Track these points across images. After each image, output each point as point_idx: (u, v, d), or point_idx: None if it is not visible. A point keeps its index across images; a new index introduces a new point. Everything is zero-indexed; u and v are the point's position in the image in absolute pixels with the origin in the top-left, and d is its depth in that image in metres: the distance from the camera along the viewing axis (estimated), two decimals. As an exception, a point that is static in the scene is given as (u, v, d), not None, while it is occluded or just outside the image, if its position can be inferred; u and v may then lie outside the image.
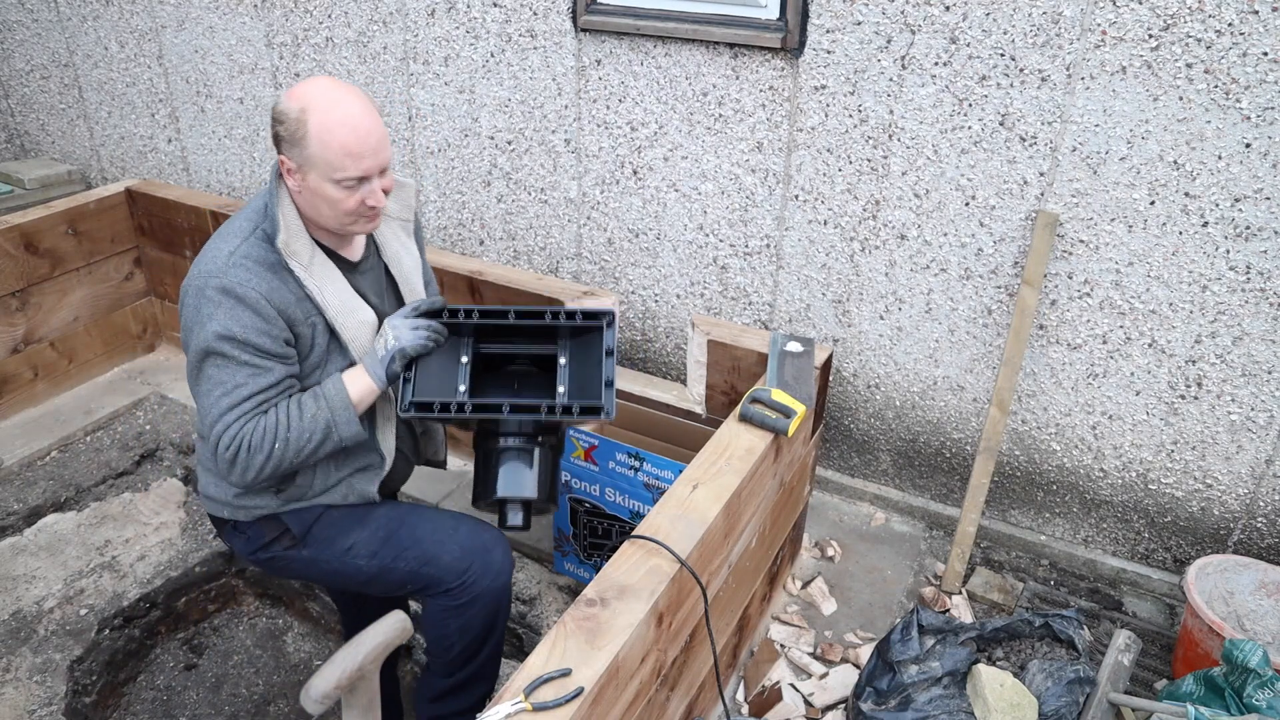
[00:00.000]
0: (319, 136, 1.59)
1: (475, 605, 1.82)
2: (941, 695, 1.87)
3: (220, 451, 1.64)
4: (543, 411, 1.73)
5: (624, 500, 2.38)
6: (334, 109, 1.59)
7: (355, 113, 1.60)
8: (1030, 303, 2.27)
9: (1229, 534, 2.35)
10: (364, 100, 1.64)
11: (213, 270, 1.63)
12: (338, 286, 1.74)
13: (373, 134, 1.62)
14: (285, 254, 1.66)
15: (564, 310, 1.78)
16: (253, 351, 1.62)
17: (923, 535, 2.73)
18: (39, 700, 2.27)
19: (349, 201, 1.65)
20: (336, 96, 1.60)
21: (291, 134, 1.61)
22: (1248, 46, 1.91)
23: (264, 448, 1.63)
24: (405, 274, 1.92)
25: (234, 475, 1.67)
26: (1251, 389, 2.19)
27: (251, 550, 1.87)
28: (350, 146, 1.60)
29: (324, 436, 1.68)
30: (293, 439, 1.65)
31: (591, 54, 2.69)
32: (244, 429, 1.63)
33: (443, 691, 1.93)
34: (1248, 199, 2.03)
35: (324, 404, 1.68)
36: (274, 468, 1.66)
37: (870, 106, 2.35)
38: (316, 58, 3.24)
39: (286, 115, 1.60)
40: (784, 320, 2.74)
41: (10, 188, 4.00)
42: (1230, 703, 1.76)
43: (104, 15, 3.69)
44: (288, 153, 1.63)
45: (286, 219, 1.68)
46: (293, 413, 1.67)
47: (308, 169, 1.62)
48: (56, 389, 3.41)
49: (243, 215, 1.73)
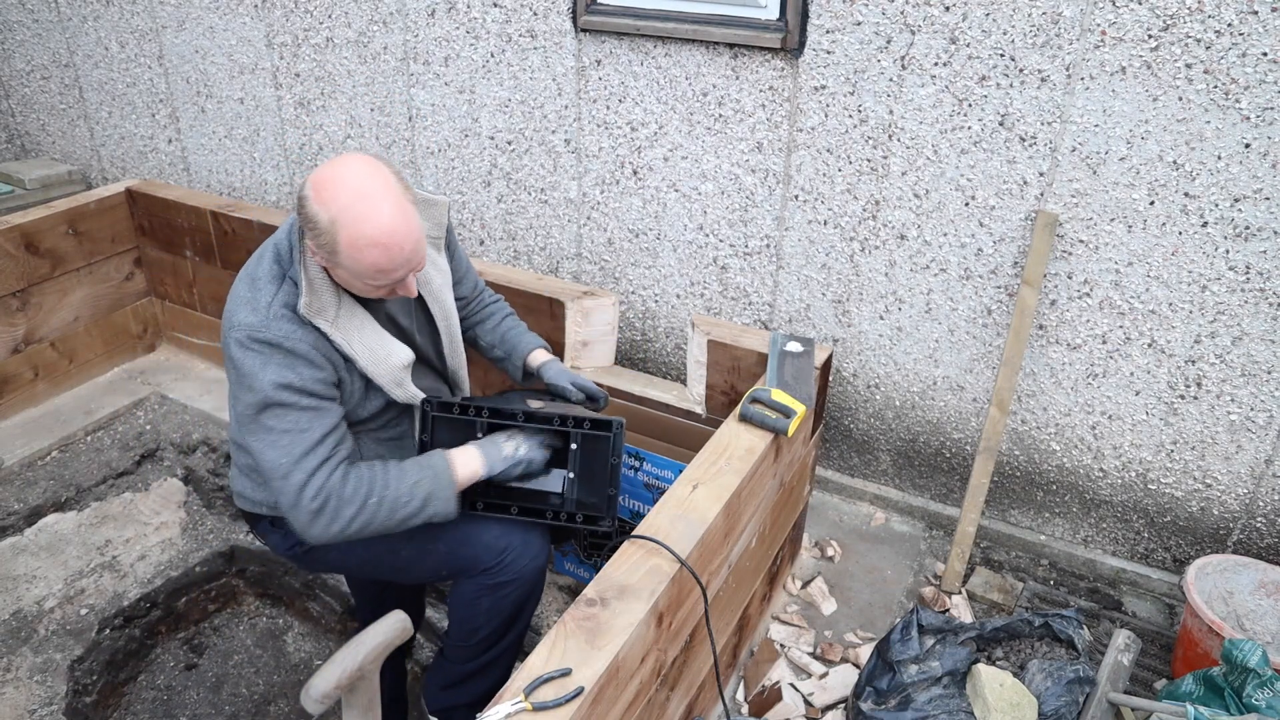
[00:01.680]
0: (350, 255, 1.54)
1: (510, 586, 1.83)
2: (941, 695, 1.87)
3: (305, 503, 1.59)
4: (548, 516, 1.85)
5: (624, 500, 2.38)
6: (365, 224, 1.51)
7: (386, 228, 1.52)
8: (1030, 303, 2.27)
9: (1228, 534, 2.35)
10: (396, 202, 1.54)
11: (254, 324, 1.60)
12: (365, 334, 1.72)
13: (404, 247, 1.56)
14: (309, 315, 1.62)
15: (572, 418, 1.83)
16: (312, 396, 1.62)
17: (923, 535, 2.73)
18: (39, 700, 2.27)
19: (382, 292, 1.65)
20: (366, 209, 1.51)
21: (321, 243, 1.55)
22: (1247, 47, 1.91)
23: (356, 499, 1.62)
24: (435, 292, 1.91)
25: (316, 527, 1.61)
26: (1251, 389, 2.19)
27: (288, 546, 1.88)
28: (381, 265, 1.56)
29: (421, 506, 1.68)
30: (389, 498, 1.64)
31: (591, 54, 2.69)
32: (331, 479, 1.60)
33: (459, 678, 1.92)
34: (1247, 199, 2.03)
35: (429, 475, 1.69)
36: (363, 524, 1.63)
37: (870, 107, 2.35)
38: (316, 58, 3.24)
39: (316, 223, 1.53)
40: (784, 320, 2.74)
41: (11, 188, 4.00)
42: (1230, 702, 1.76)
43: (104, 15, 3.69)
44: (317, 246, 1.57)
45: (310, 278, 1.63)
46: (392, 473, 1.67)
47: (338, 268, 1.60)
48: (57, 389, 3.41)
49: (268, 259, 1.69)
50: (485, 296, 2.17)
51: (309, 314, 1.63)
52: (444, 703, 1.96)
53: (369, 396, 1.77)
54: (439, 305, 1.93)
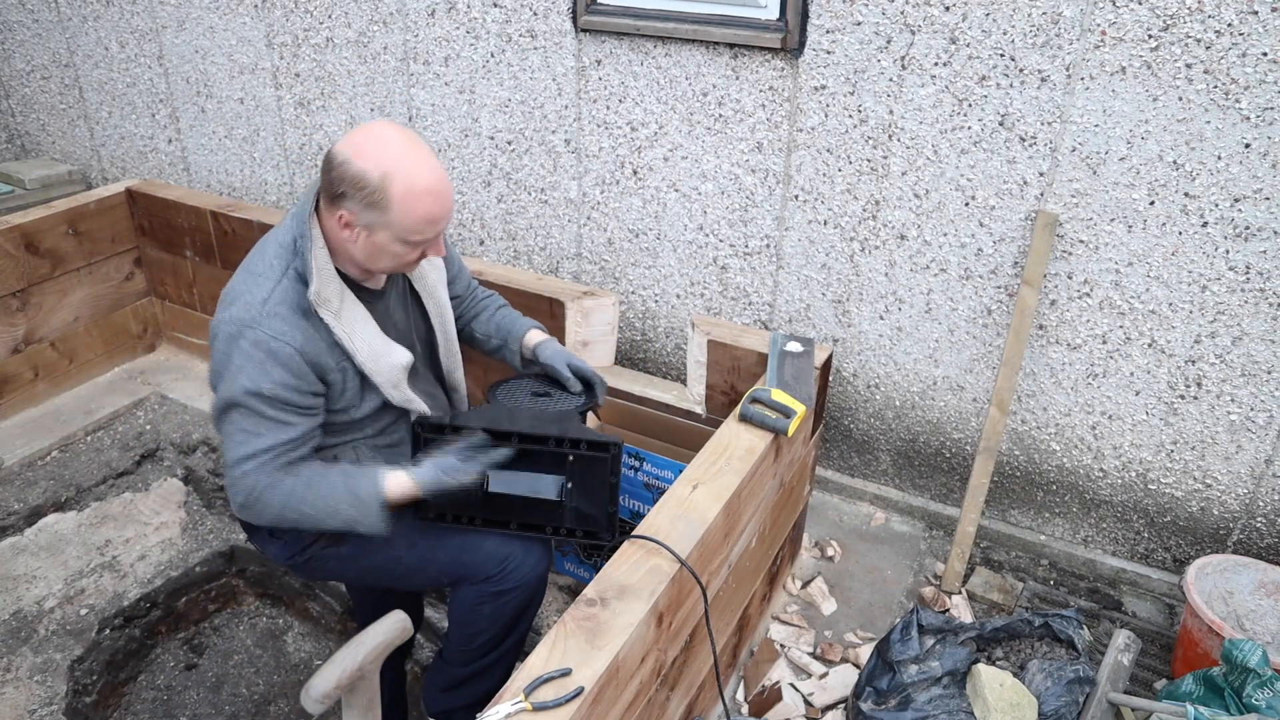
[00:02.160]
0: (402, 205, 1.56)
1: (512, 593, 1.83)
2: (941, 695, 1.87)
3: (237, 496, 1.64)
4: (547, 532, 1.83)
5: (624, 500, 2.38)
6: (420, 177, 1.57)
7: (437, 177, 1.59)
8: (1030, 303, 2.27)
9: (1228, 534, 2.35)
10: (434, 158, 1.62)
11: (247, 319, 1.60)
12: (366, 330, 1.73)
13: (449, 196, 1.63)
14: (316, 303, 1.63)
15: (568, 439, 1.79)
16: (279, 406, 1.62)
17: (923, 535, 2.73)
18: (39, 700, 2.27)
19: (412, 255, 1.66)
20: (416, 161, 1.57)
21: (370, 199, 1.56)
22: (1247, 47, 1.91)
23: (280, 505, 1.64)
24: (430, 288, 1.92)
25: (245, 515, 1.68)
26: (1251, 389, 2.19)
27: (289, 555, 1.86)
28: (434, 214, 1.60)
29: (344, 527, 1.68)
30: (310, 516, 1.66)
31: (591, 54, 2.69)
32: (259, 481, 1.63)
33: (458, 680, 1.92)
34: (1247, 199, 2.03)
35: (353, 501, 1.67)
36: (291, 523, 1.67)
37: (870, 107, 2.35)
38: (317, 58, 3.24)
39: (365, 180, 1.55)
40: (784, 320, 2.74)
41: (11, 188, 4.00)
42: (1230, 702, 1.76)
43: (104, 15, 3.69)
44: (357, 213, 1.59)
45: (319, 265, 1.64)
46: (318, 490, 1.66)
47: (378, 229, 1.60)
48: (57, 389, 3.41)
49: (271, 250, 1.69)
50: (479, 293, 2.18)
51: (317, 302, 1.63)
52: (443, 704, 1.96)
53: (365, 396, 1.76)
54: (434, 301, 1.93)
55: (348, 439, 1.81)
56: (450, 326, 1.98)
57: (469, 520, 1.83)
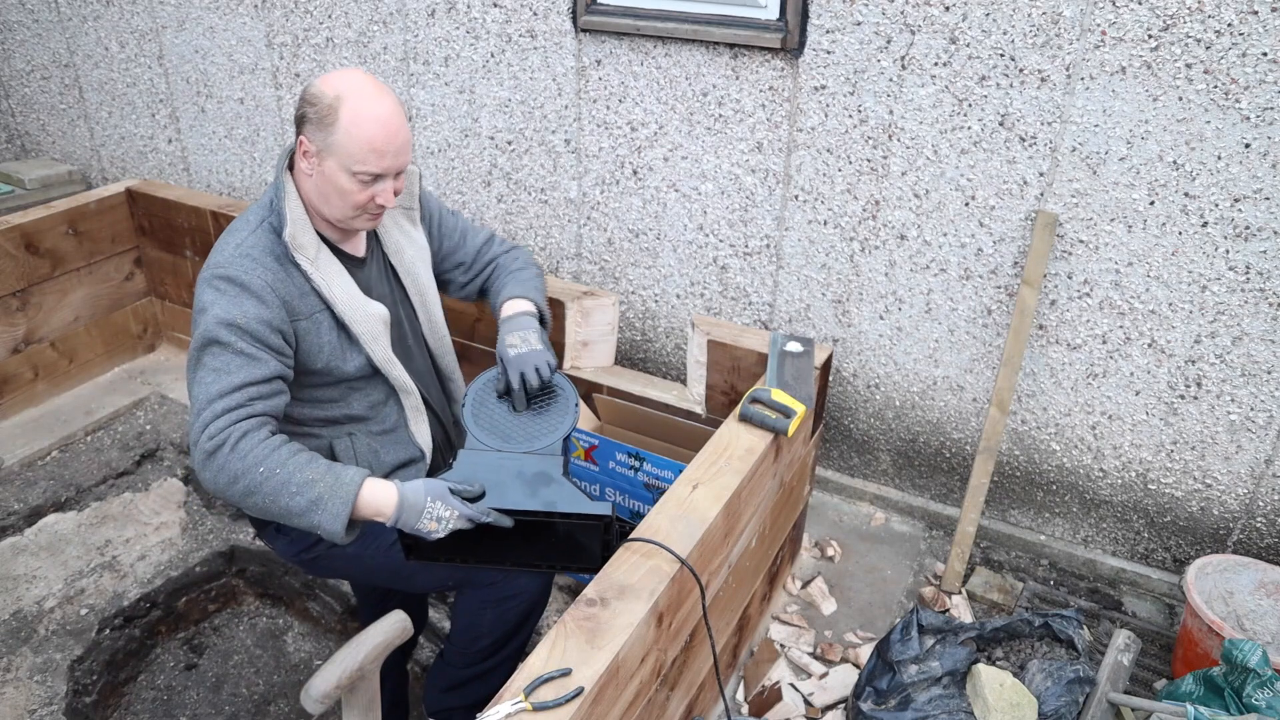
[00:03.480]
0: (348, 126, 1.60)
1: (515, 599, 1.82)
2: (941, 695, 1.87)
3: (202, 441, 1.51)
4: (543, 568, 1.72)
5: (624, 500, 2.38)
6: (369, 103, 1.61)
7: (388, 111, 1.62)
8: (1030, 303, 2.27)
9: (1228, 534, 2.35)
10: (397, 102, 1.66)
11: (219, 262, 1.64)
12: (344, 281, 1.74)
13: (399, 134, 1.64)
14: (292, 247, 1.66)
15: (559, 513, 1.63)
16: (250, 340, 1.59)
17: (923, 535, 2.73)
18: (39, 700, 2.27)
19: (360, 195, 1.65)
20: (372, 92, 1.62)
21: (321, 117, 1.61)
22: (1247, 47, 1.91)
23: (246, 460, 1.50)
24: (407, 265, 1.91)
25: (207, 470, 1.52)
26: (1251, 389, 2.19)
27: (295, 551, 1.85)
28: (377, 142, 1.61)
29: (306, 507, 1.52)
30: (277, 478, 1.51)
31: (591, 54, 2.69)
32: (233, 429, 1.51)
33: (459, 681, 1.92)
34: (1247, 199, 2.03)
35: (329, 481, 1.54)
36: (245, 489, 1.51)
37: (870, 107, 2.35)
38: (317, 58, 3.24)
39: (320, 98, 1.61)
40: (784, 320, 2.74)
41: (11, 188, 4.00)
42: (1230, 702, 1.76)
43: (104, 15, 3.69)
44: (311, 135, 1.63)
45: (293, 213, 1.68)
46: (298, 460, 1.54)
47: (327, 154, 1.62)
48: (57, 389, 3.41)
49: (251, 210, 1.75)
50: (494, 253, 2.06)
51: (293, 246, 1.65)
52: (444, 704, 1.95)
53: (349, 349, 1.74)
54: (412, 280, 1.91)
55: (341, 419, 1.80)
56: (433, 308, 1.96)
57: (461, 561, 1.70)
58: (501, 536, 1.64)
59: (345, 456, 1.80)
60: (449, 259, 2.05)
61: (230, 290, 1.61)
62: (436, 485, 1.58)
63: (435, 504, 1.56)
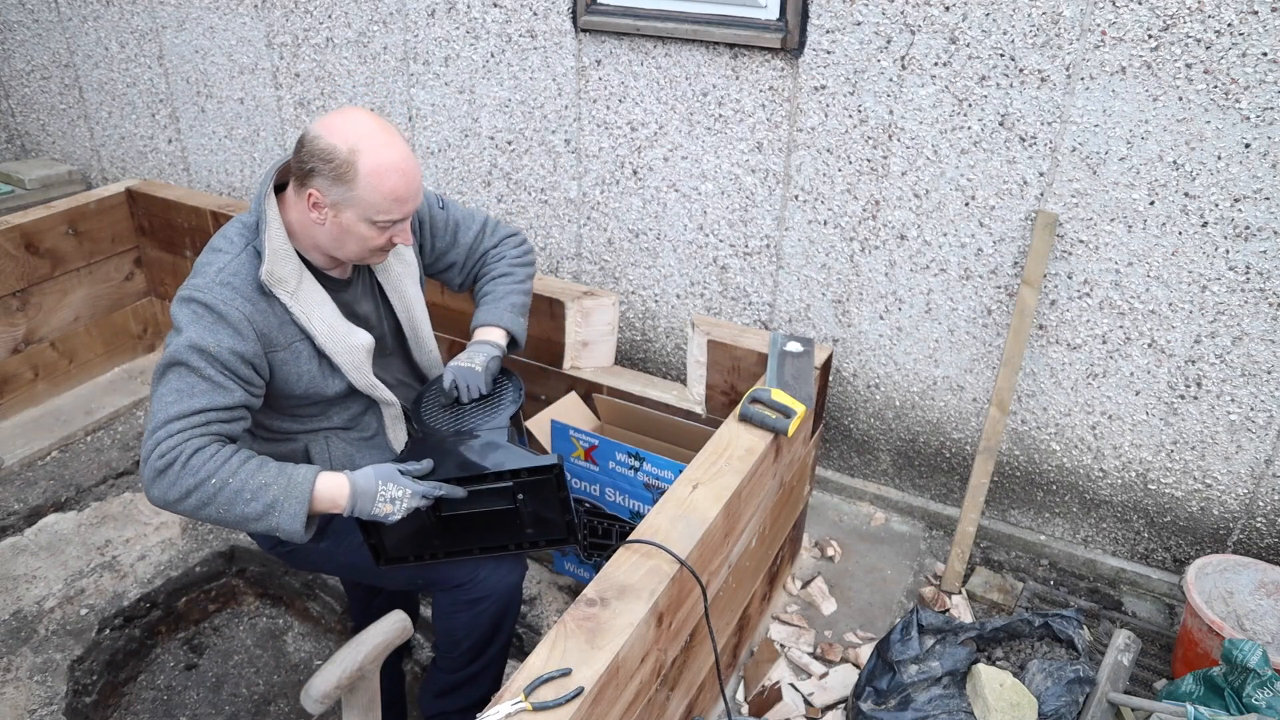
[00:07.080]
0: (369, 180, 1.57)
1: (485, 603, 1.82)
2: (941, 695, 1.87)
3: (152, 459, 1.51)
4: (510, 549, 1.77)
5: (624, 500, 2.38)
6: (386, 153, 1.58)
7: (403, 156, 1.60)
8: (1030, 303, 2.27)
9: (1228, 534, 2.35)
10: (404, 141, 1.64)
11: (200, 285, 1.61)
12: (325, 312, 1.71)
13: (416, 178, 1.63)
14: (270, 282, 1.62)
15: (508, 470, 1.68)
16: (219, 368, 1.57)
17: (923, 535, 2.73)
18: (39, 700, 2.27)
19: (379, 240, 1.65)
20: (384, 139, 1.59)
21: (339, 174, 1.57)
22: (1247, 47, 1.91)
23: (198, 475, 1.51)
24: (394, 282, 1.89)
25: (155, 489, 1.52)
26: (1251, 389, 2.19)
27: (272, 544, 1.89)
28: (399, 192, 1.60)
29: (263, 511, 1.55)
30: (230, 487, 1.53)
31: (591, 54, 2.69)
32: (184, 445, 1.52)
33: (448, 687, 1.93)
34: (1247, 199, 2.03)
35: (282, 483, 1.56)
36: (198, 503, 1.52)
37: (870, 107, 2.35)
38: (316, 58, 3.24)
39: (334, 154, 1.56)
40: (784, 320, 2.74)
41: (11, 188, 4.00)
42: (1230, 702, 1.76)
43: (104, 15, 3.69)
44: (325, 190, 1.59)
45: (272, 243, 1.63)
46: (249, 467, 1.55)
47: (345, 207, 1.60)
48: (57, 389, 3.41)
49: (234, 229, 1.70)
50: (488, 256, 2.07)
51: (270, 282, 1.62)
52: (437, 709, 1.97)
53: (330, 377, 1.74)
54: (399, 296, 1.90)
55: (319, 428, 1.80)
56: (420, 323, 1.95)
57: (430, 556, 1.75)
58: (466, 523, 1.69)
59: (320, 459, 1.80)
60: (442, 259, 2.05)
61: (207, 317, 1.58)
62: (385, 468, 1.63)
63: (387, 485, 1.60)
